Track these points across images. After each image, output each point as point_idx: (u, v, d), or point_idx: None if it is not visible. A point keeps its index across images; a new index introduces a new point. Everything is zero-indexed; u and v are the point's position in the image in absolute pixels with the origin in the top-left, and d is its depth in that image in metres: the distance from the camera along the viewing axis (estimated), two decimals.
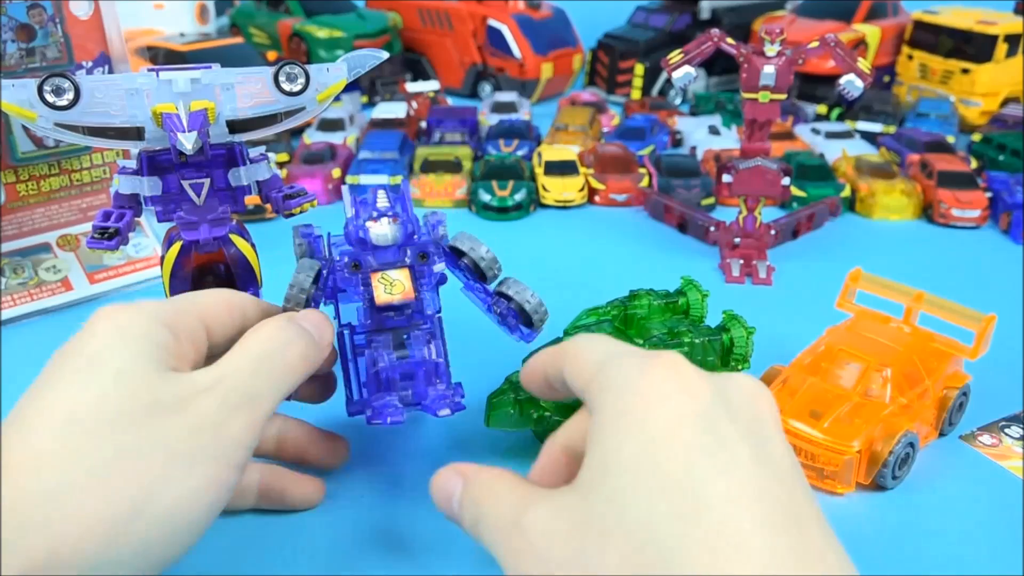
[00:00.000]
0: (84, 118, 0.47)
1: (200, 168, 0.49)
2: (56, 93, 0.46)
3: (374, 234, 0.45)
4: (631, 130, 1.15)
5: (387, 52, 0.52)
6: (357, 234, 0.46)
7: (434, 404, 0.46)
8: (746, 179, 0.78)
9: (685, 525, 0.28)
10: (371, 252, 0.46)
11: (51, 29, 0.69)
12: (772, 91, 0.75)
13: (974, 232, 0.92)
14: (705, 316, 0.58)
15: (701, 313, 0.57)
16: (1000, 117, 1.19)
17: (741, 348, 0.55)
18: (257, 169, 0.51)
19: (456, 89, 1.47)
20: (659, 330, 0.54)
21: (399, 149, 1.04)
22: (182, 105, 0.47)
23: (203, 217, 0.50)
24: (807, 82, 1.31)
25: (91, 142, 0.48)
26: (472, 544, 0.35)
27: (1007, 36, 1.23)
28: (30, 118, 0.46)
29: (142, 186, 0.49)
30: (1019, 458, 0.54)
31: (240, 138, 0.50)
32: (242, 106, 0.49)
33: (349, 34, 1.37)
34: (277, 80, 0.49)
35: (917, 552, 0.46)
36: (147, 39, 1.23)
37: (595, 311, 0.57)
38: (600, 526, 0.29)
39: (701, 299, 0.58)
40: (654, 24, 1.48)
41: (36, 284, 0.72)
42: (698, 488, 0.28)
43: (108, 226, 0.49)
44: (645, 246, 0.88)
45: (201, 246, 0.51)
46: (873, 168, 1.00)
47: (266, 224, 0.92)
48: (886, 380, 0.52)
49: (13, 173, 0.71)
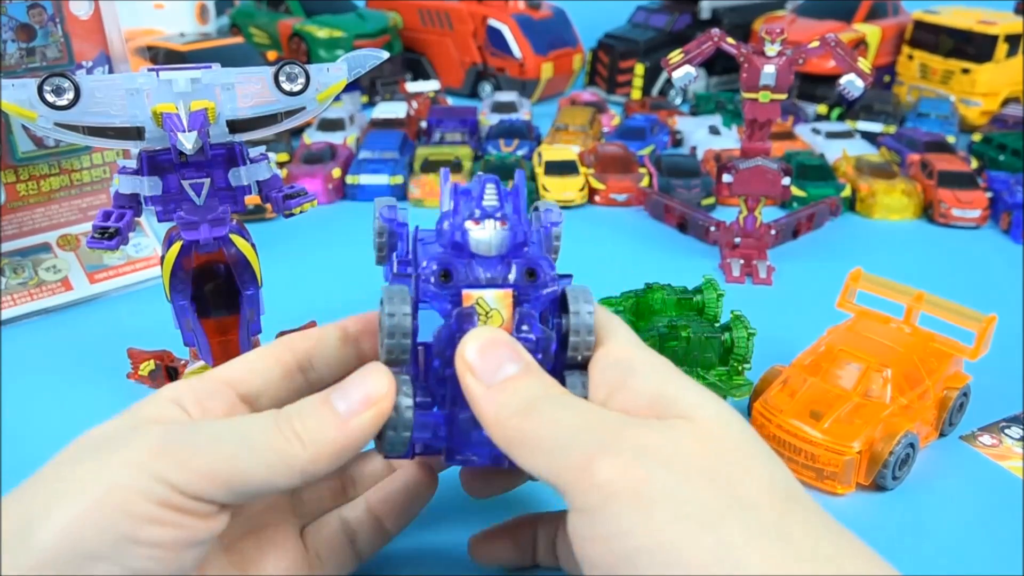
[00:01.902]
0: (84, 118, 0.47)
1: (200, 168, 0.49)
2: (56, 93, 0.46)
3: (474, 239, 0.36)
4: (631, 130, 1.15)
5: (387, 52, 0.52)
6: (453, 236, 0.36)
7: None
8: (746, 179, 0.78)
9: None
10: (467, 260, 0.36)
11: (51, 29, 0.69)
12: (772, 91, 0.75)
13: (974, 232, 0.92)
14: (720, 315, 0.58)
15: (715, 312, 0.58)
16: (1000, 117, 1.19)
17: (741, 350, 0.55)
18: (257, 169, 0.51)
19: (456, 89, 1.47)
20: (663, 323, 0.55)
21: (399, 149, 1.04)
22: (182, 105, 0.47)
23: (203, 217, 0.50)
24: (807, 82, 1.31)
25: (91, 142, 0.48)
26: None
27: (1007, 36, 1.23)
28: (30, 118, 0.46)
29: (142, 186, 0.49)
30: (1019, 458, 0.54)
31: (240, 138, 0.50)
32: (242, 106, 0.49)
33: (349, 34, 1.37)
34: (277, 80, 0.49)
35: (917, 552, 0.46)
36: (147, 39, 1.23)
37: (610, 301, 0.59)
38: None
39: (716, 298, 0.59)
40: (654, 24, 1.48)
41: (36, 284, 0.72)
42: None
43: (108, 226, 0.49)
44: (645, 246, 0.88)
45: (201, 246, 0.51)
46: (873, 168, 1.00)
47: (266, 224, 0.92)
48: (886, 380, 0.52)
49: (13, 173, 0.71)
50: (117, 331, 0.68)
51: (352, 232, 0.91)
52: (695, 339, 0.54)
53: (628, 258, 0.85)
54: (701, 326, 0.55)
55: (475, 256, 0.36)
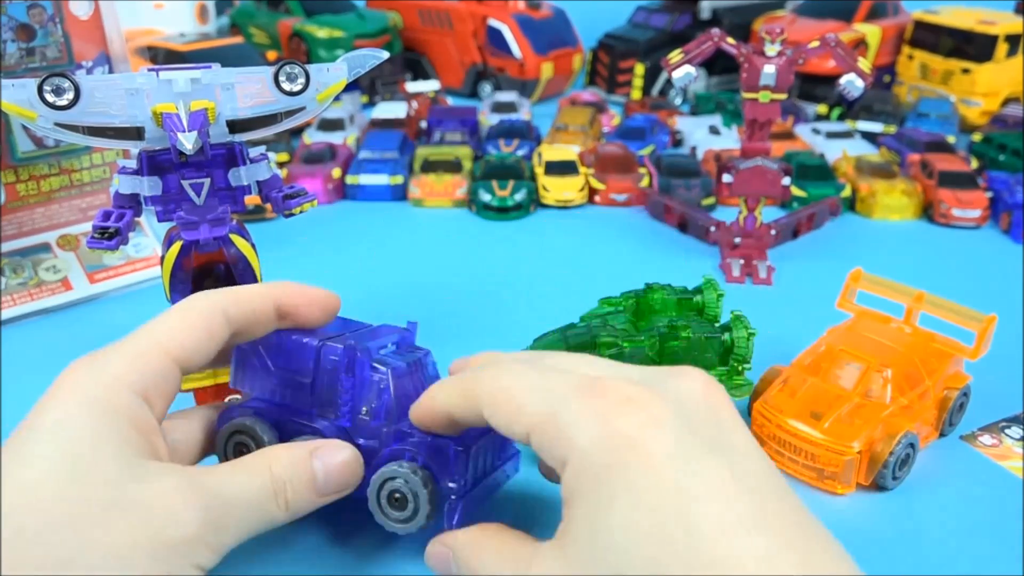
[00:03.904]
0: (84, 118, 0.46)
1: (200, 168, 0.49)
2: (56, 93, 0.45)
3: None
4: (631, 130, 1.15)
5: (387, 52, 0.52)
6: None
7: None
8: (746, 179, 0.78)
9: (688, 566, 0.29)
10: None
11: (51, 29, 0.69)
12: (772, 91, 0.75)
13: (974, 232, 0.92)
14: (720, 315, 0.58)
15: (716, 312, 0.58)
16: (1000, 117, 1.19)
17: (741, 350, 0.55)
18: (257, 169, 0.51)
19: (456, 89, 1.47)
20: (662, 323, 0.55)
21: (399, 149, 1.04)
22: (182, 105, 0.47)
23: (203, 217, 0.50)
24: (807, 82, 1.31)
25: (91, 142, 0.47)
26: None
27: (1007, 36, 1.23)
28: (30, 118, 0.46)
29: (142, 186, 0.49)
30: (1019, 458, 0.54)
31: (240, 138, 0.50)
32: (242, 106, 0.49)
33: (349, 34, 1.37)
34: (277, 80, 0.49)
35: (917, 552, 0.46)
36: (147, 39, 1.23)
37: (611, 301, 0.59)
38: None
39: (716, 298, 0.59)
40: (654, 24, 1.48)
41: (36, 284, 0.72)
42: (691, 527, 0.29)
43: (108, 226, 0.49)
44: (645, 246, 0.88)
45: (201, 246, 0.51)
46: (873, 168, 1.00)
47: (266, 224, 0.92)
48: (886, 380, 0.52)
49: (13, 173, 0.71)
50: (117, 331, 0.67)
51: (352, 232, 0.92)
52: (695, 339, 0.54)
53: (628, 258, 0.85)
54: (701, 326, 0.55)
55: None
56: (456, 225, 0.94)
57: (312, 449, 0.40)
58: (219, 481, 0.36)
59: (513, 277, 0.79)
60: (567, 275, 0.79)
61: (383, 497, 0.41)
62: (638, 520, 0.30)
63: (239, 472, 0.37)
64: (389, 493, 0.41)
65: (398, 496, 0.41)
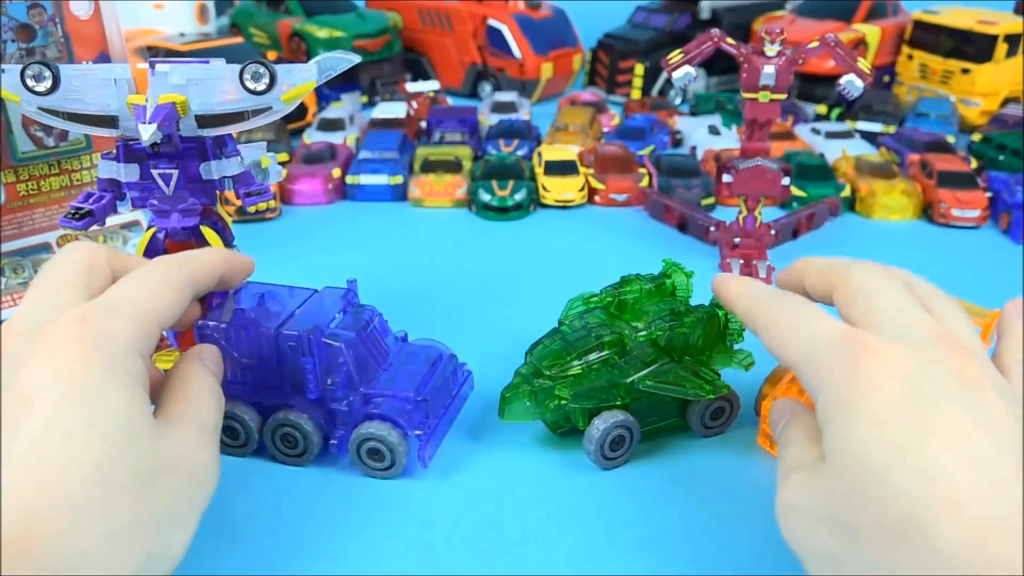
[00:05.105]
0: (63, 104, 0.50)
1: (171, 159, 0.51)
2: (36, 79, 0.48)
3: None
4: (631, 130, 1.15)
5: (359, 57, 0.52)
6: None
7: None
8: (746, 179, 0.78)
9: (923, 489, 0.31)
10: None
11: (51, 29, 0.69)
12: (772, 91, 0.75)
13: (974, 232, 0.92)
14: (691, 295, 0.58)
15: (687, 293, 0.58)
16: (1000, 117, 1.19)
17: (683, 291, 0.57)
18: (228, 165, 0.53)
19: (456, 89, 1.47)
20: (658, 314, 0.54)
21: (399, 149, 1.04)
22: (152, 97, 0.48)
23: (174, 206, 0.52)
24: (807, 82, 1.32)
25: (70, 127, 0.50)
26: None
27: (1007, 36, 1.23)
28: (14, 101, 0.49)
29: (119, 172, 0.51)
30: None
31: (209, 133, 0.51)
32: (216, 101, 0.50)
33: (349, 34, 1.37)
34: (242, 78, 0.49)
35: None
36: (147, 39, 1.23)
37: (587, 298, 0.59)
38: (848, 503, 0.34)
39: (686, 280, 0.59)
40: (654, 24, 1.48)
41: None
42: (929, 458, 0.32)
43: (82, 207, 0.52)
44: (645, 246, 0.88)
45: (171, 235, 0.53)
46: (873, 168, 1.00)
47: (267, 224, 0.92)
48: None
49: (13, 173, 0.71)
50: None
51: (352, 232, 0.92)
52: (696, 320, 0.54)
53: (628, 258, 0.85)
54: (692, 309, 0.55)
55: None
56: (456, 225, 0.94)
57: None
58: (215, 421, 0.41)
59: (513, 277, 0.79)
60: (567, 275, 0.79)
61: (363, 453, 0.49)
62: (876, 434, 0.33)
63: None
64: (368, 450, 0.49)
65: (376, 451, 0.49)
